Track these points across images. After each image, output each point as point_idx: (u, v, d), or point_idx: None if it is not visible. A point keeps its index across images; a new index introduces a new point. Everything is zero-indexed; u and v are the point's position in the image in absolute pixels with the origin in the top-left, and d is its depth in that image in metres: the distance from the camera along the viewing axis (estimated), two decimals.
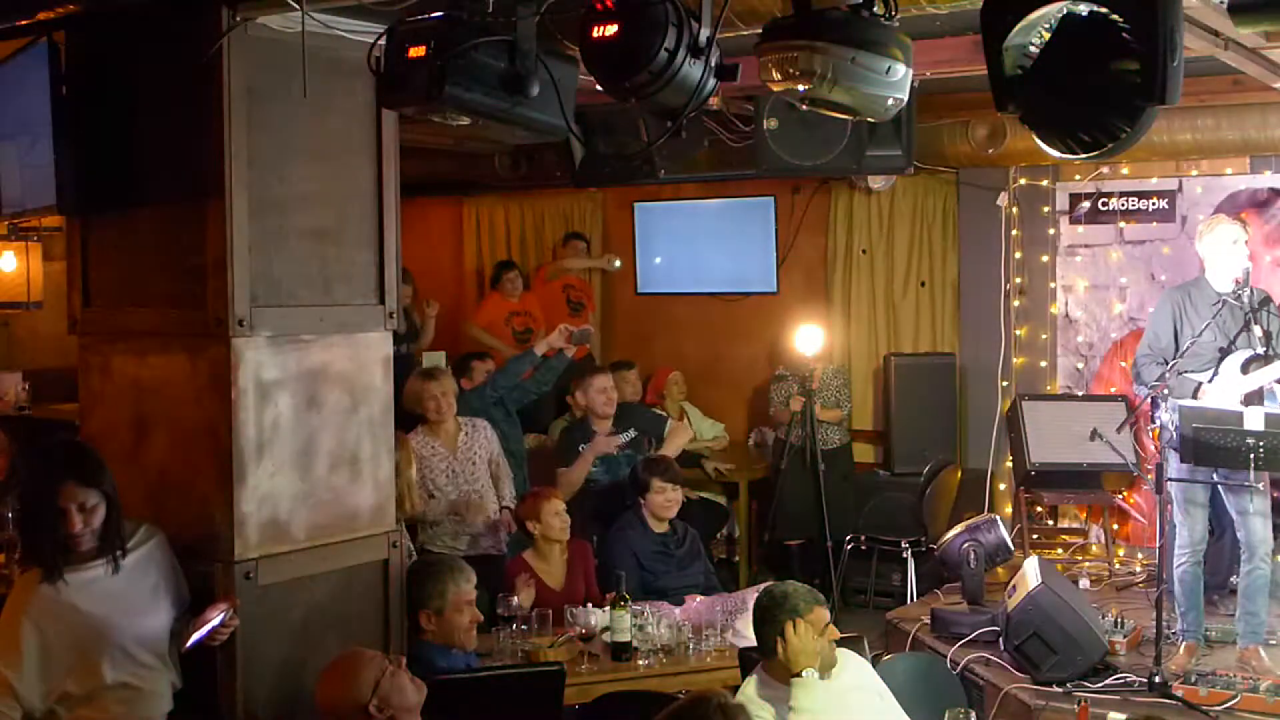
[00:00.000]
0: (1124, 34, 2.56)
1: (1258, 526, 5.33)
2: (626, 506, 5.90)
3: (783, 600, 3.84)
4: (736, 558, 8.33)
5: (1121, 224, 7.68)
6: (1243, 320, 5.33)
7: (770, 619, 3.82)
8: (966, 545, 5.86)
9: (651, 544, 5.72)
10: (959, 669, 5.36)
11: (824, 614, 3.83)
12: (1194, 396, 5.29)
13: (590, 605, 5.13)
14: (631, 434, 6.66)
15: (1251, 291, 5.38)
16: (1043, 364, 7.93)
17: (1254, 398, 5.22)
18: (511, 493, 6.13)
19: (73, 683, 3.41)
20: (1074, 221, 7.83)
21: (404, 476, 4.73)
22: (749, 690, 3.82)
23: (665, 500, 5.74)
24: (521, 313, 8.90)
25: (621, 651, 4.83)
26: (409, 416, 5.79)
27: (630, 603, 4.92)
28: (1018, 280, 7.94)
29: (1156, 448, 6.16)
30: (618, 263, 9.35)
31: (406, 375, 6.23)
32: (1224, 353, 5.31)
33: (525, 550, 5.56)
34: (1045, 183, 7.83)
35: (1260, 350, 5.27)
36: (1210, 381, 5.29)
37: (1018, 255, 7.94)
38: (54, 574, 3.41)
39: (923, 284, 8.48)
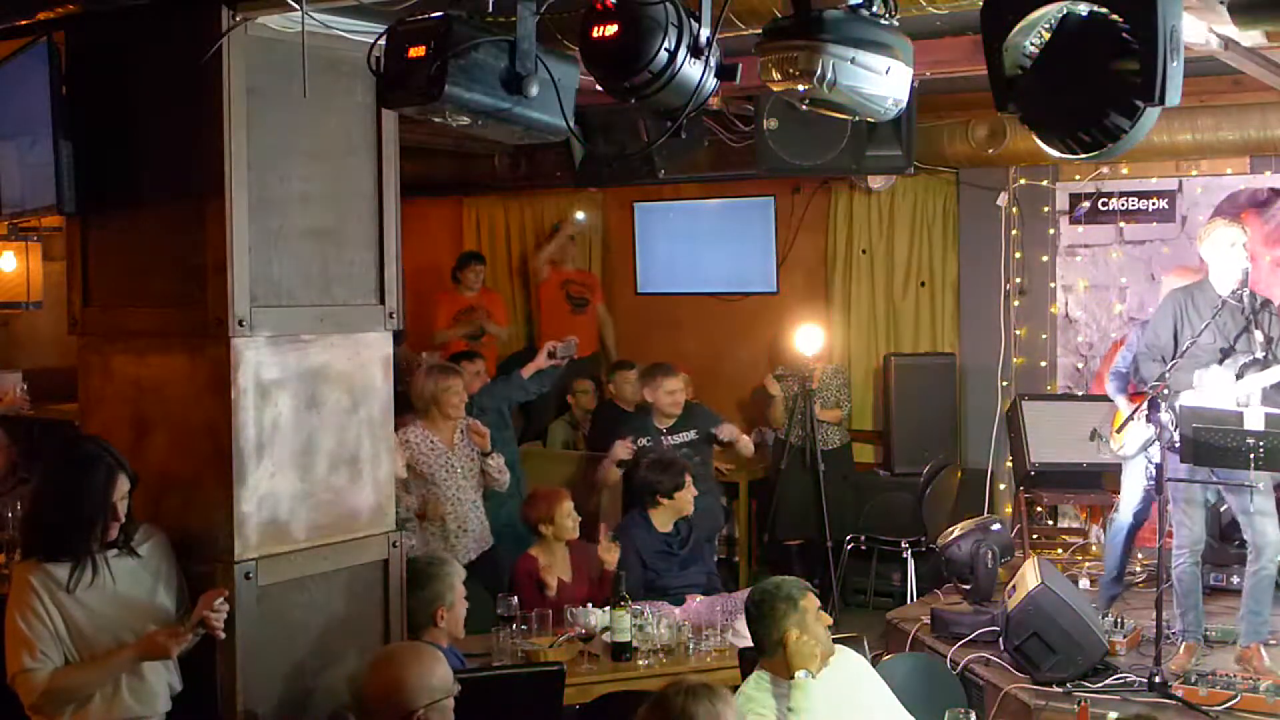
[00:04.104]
0: (1124, 34, 2.56)
1: (1264, 527, 5.32)
2: (639, 504, 5.92)
3: (776, 590, 3.87)
4: (736, 558, 8.33)
5: (1121, 224, 7.68)
6: (1243, 323, 5.34)
7: (766, 613, 3.83)
8: (982, 546, 5.87)
9: (656, 543, 5.74)
10: (959, 669, 5.36)
11: (815, 600, 3.89)
12: (1191, 386, 5.29)
13: (591, 605, 5.14)
14: (692, 434, 6.75)
15: (1252, 295, 5.38)
16: (1043, 364, 7.94)
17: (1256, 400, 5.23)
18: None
19: None
20: (1074, 221, 7.83)
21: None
22: (749, 689, 3.83)
23: (691, 497, 5.78)
24: (476, 308, 8.86)
25: (621, 651, 4.84)
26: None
27: (630, 603, 4.93)
28: (1018, 280, 7.95)
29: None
30: (580, 215, 9.36)
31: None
32: (1224, 354, 5.31)
33: (532, 547, 5.59)
34: (1045, 183, 7.84)
35: (1260, 355, 5.27)
36: (1207, 371, 5.29)
37: (1018, 255, 7.95)
38: (86, 568, 3.44)
39: (923, 284, 8.49)
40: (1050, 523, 7.77)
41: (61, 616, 3.42)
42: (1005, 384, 7.92)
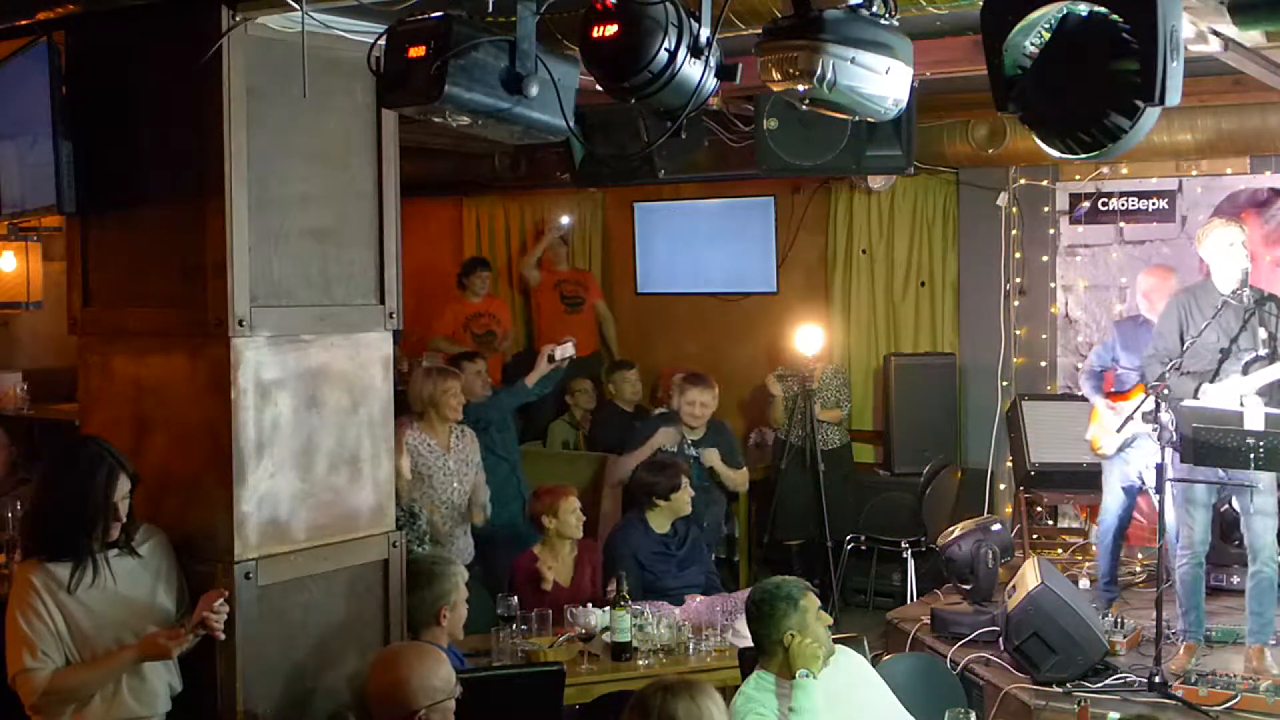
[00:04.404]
0: (1124, 34, 2.56)
1: (1260, 528, 5.33)
2: (634, 506, 5.92)
3: (776, 590, 3.87)
4: (736, 558, 8.33)
5: (1121, 224, 7.68)
6: (1243, 320, 5.34)
7: (766, 613, 3.84)
8: (983, 546, 5.88)
9: (653, 545, 5.74)
10: (959, 669, 5.36)
11: (815, 599, 3.91)
12: (1194, 396, 5.29)
13: (591, 605, 5.14)
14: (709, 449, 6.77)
15: (1251, 291, 5.39)
16: (1043, 364, 7.93)
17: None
18: (487, 497, 6.15)
19: None
20: (1074, 221, 7.83)
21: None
22: (749, 689, 3.83)
23: (688, 498, 5.79)
24: (484, 314, 8.87)
25: (621, 651, 4.84)
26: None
27: (630, 603, 4.92)
28: (1018, 280, 7.95)
29: None
30: (565, 219, 9.37)
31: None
32: (1225, 353, 5.32)
33: (534, 545, 5.60)
34: (1045, 183, 7.84)
35: (1262, 351, 5.28)
36: (1212, 382, 5.29)
37: (1018, 255, 7.95)
38: (87, 569, 3.44)
39: (923, 284, 8.48)
40: (1050, 523, 7.77)
41: (63, 616, 3.42)
42: (1005, 384, 7.92)
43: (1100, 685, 5.08)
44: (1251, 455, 4.95)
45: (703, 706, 3.11)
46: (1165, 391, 5.32)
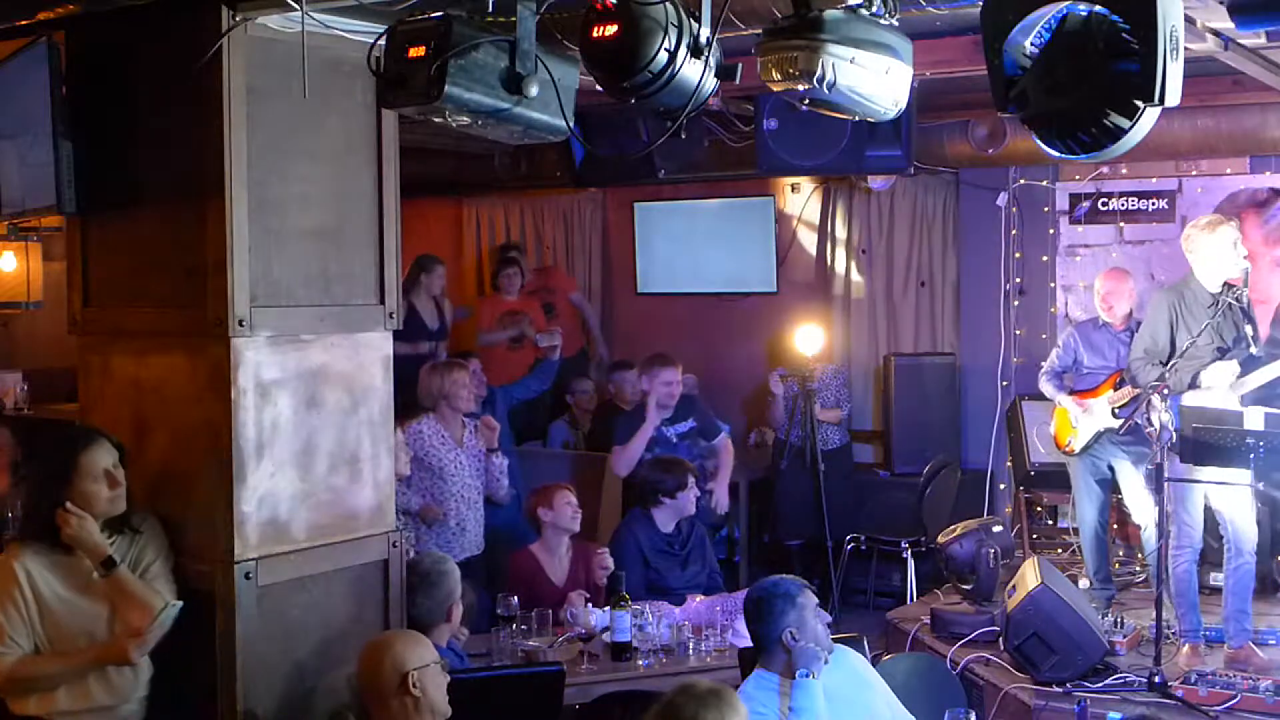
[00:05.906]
0: (1124, 34, 2.56)
1: (1243, 523, 5.34)
2: (641, 503, 5.93)
3: (774, 589, 3.89)
4: (737, 558, 8.33)
5: (1121, 224, 7.69)
6: (1236, 321, 5.35)
7: (765, 612, 3.84)
8: (985, 547, 5.89)
9: (658, 542, 5.75)
10: (959, 669, 5.36)
11: (813, 597, 3.92)
12: (1191, 386, 5.31)
13: (590, 605, 5.14)
14: (691, 424, 6.76)
15: (1243, 289, 5.40)
16: (1043, 364, 7.92)
17: (1253, 398, 5.23)
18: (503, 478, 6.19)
19: None
20: (1074, 221, 7.84)
21: None
22: (750, 688, 3.83)
23: (693, 498, 5.81)
24: (517, 312, 8.90)
25: (621, 651, 4.84)
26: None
27: (630, 603, 4.93)
28: (1018, 280, 7.95)
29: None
30: None
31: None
32: (1222, 353, 5.33)
33: (533, 544, 5.60)
34: (1045, 183, 7.84)
35: (1256, 351, 5.29)
36: (1208, 371, 5.30)
37: (1018, 255, 7.95)
38: (80, 560, 3.44)
39: (923, 284, 8.49)
40: (1050, 523, 7.77)
41: (38, 607, 3.45)
42: (1005, 384, 7.92)
43: (1100, 685, 5.08)
44: (1251, 455, 4.96)
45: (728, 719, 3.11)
46: (1165, 392, 5.32)
